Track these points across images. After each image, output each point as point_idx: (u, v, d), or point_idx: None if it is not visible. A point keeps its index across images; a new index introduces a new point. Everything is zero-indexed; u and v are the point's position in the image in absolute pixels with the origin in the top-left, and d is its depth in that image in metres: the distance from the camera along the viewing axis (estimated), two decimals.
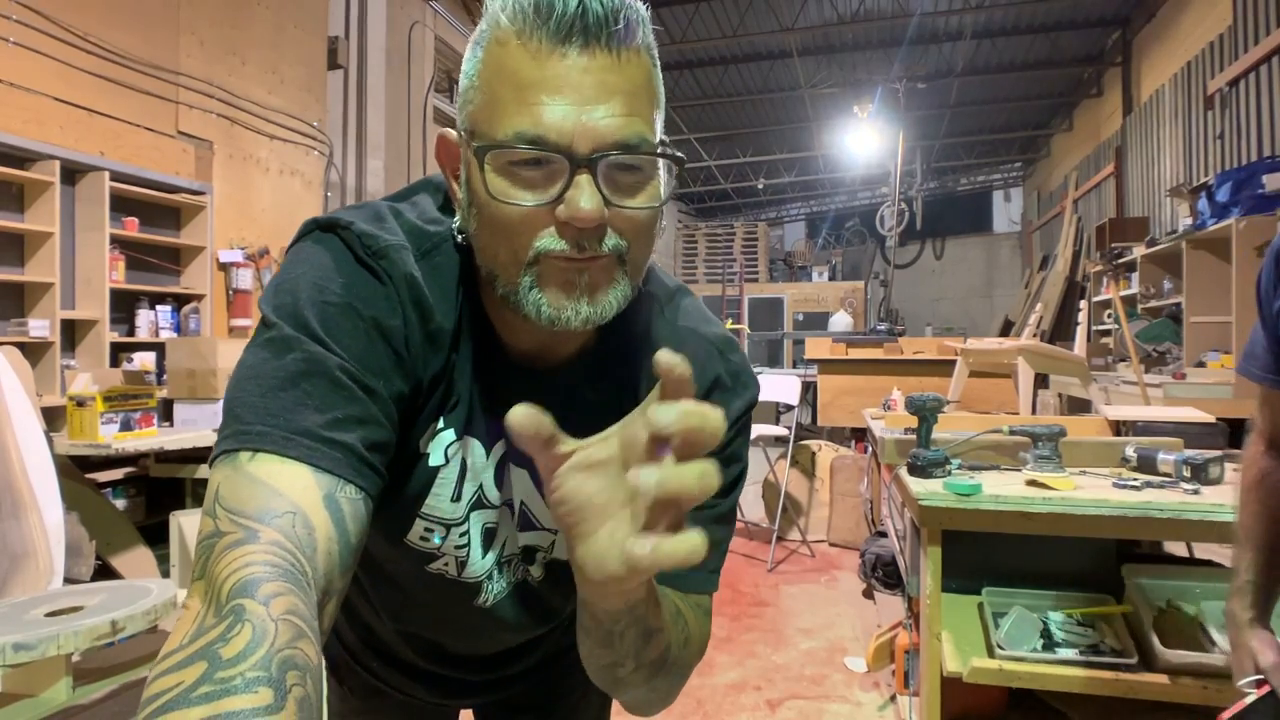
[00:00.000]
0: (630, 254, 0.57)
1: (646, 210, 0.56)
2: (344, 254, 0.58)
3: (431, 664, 0.86)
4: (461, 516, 0.67)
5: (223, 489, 0.49)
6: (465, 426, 0.64)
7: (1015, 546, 1.96)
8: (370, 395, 0.55)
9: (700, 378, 0.67)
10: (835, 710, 2.48)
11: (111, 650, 1.99)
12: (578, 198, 0.53)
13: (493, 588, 0.72)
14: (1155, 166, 7.60)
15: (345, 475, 0.51)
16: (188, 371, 3.36)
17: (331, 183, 5.98)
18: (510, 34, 0.54)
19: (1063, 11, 8.25)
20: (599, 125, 0.53)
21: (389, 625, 0.82)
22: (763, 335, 12.15)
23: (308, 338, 0.53)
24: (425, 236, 0.62)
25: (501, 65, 0.54)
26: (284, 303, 0.55)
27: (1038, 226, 12.85)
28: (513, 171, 0.54)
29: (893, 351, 5.15)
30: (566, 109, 0.52)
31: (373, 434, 0.54)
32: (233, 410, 0.52)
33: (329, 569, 0.48)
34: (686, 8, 8.17)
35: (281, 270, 0.59)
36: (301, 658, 0.42)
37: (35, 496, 2.59)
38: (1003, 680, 1.64)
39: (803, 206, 17.00)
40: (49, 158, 3.84)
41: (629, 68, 0.54)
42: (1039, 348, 3.17)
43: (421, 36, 7.02)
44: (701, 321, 0.71)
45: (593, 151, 0.53)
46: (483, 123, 0.55)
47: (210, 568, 0.45)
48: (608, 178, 0.54)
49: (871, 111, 9.54)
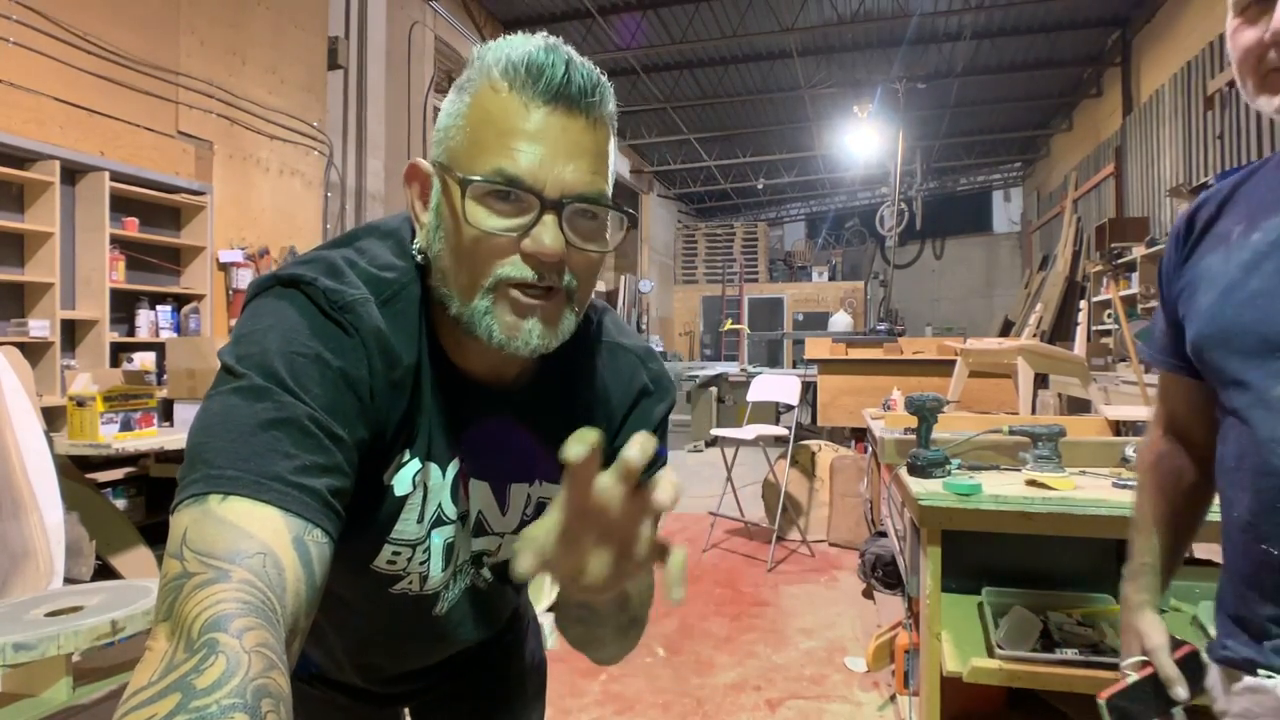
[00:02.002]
0: (578, 293, 0.65)
1: (597, 254, 0.65)
2: (308, 308, 0.61)
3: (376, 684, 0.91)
4: (424, 536, 0.71)
5: (190, 532, 0.50)
6: (427, 453, 0.69)
7: (1015, 546, 1.96)
8: (336, 444, 0.58)
9: (629, 387, 0.78)
10: (835, 710, 2.48)
11: (111, 650, 1.99)
12: (543, 234, 0.61)
13: (449, 596, 0.78)
14: (1155, 166, 7.60)
15: (313, 519, 0.54)
16: (188, 371, 3.36)
17: (331, 183, 5.98)
18: (503, 87, 0.61)
19: (1062, 11, 8.24)
20: (568, 176, 0.61)
21: (337, 654, 0.86)
22: (763, 335, 12.16)
23: (277, 387, 0.56)
24: (384, 284, 0.66)
25: (489, 112, 0.61)
26: (250, 353, 0.58)
27: (1038, 226, 12.85)
28: (488, 203, 0.61)
29: (893, 351, 5.15)
30: (543, 158, 0.60)
31: (337, 481, 0.57)
32: (201, 455, 0.53)
33: (296, 609, 0.50)
34: (686, 8, 8.16)
35: (242, 323, 0.62)
36: (275, 687, 0.43)
37: (35, 496, 2.59)
38: (1003, 680, 1.64)
39: (803, 206, 17.00)
40: (49, 158, 3.84)
41: (598, 134, 0.63)
42: (1039, 348, 3.17)
43: (421, 36, 7.02)
44: (626, 337, 0.81)
45: (561, 196, 0.61)
46: (464, 159, 0.62)
47: (178, 608, 0.46)
48: (570, 222, 0.62)
49: (871, 111, 9.53)
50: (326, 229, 5.92)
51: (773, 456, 4.66)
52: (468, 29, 7.89)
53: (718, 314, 12.66)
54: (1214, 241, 0.89)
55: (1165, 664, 0.95)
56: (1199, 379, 0.92)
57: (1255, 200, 0.86)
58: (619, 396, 0.78)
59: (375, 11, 6.31)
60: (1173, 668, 0.95)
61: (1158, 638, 0.98)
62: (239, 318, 0.64)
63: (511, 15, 8.44)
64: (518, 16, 8.45)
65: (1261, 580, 0.82)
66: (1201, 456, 1.01)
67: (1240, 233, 0.85)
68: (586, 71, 0.62)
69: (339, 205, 6.04)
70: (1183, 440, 1.04)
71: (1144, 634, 0.99)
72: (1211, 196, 0.93)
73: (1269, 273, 0.80)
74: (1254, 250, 0.82)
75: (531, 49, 0.61)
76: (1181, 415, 1.03)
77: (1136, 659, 0.99)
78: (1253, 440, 0.81)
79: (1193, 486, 1.03)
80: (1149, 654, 0.98)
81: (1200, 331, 0.87)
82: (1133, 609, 1.02)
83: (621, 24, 8.40)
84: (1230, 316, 0.83)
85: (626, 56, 8.92)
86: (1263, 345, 0.79)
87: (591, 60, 0.64)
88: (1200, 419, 0.98)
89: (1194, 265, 0.91)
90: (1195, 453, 1.03)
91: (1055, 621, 1.76)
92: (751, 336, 11.44)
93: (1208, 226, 0.91)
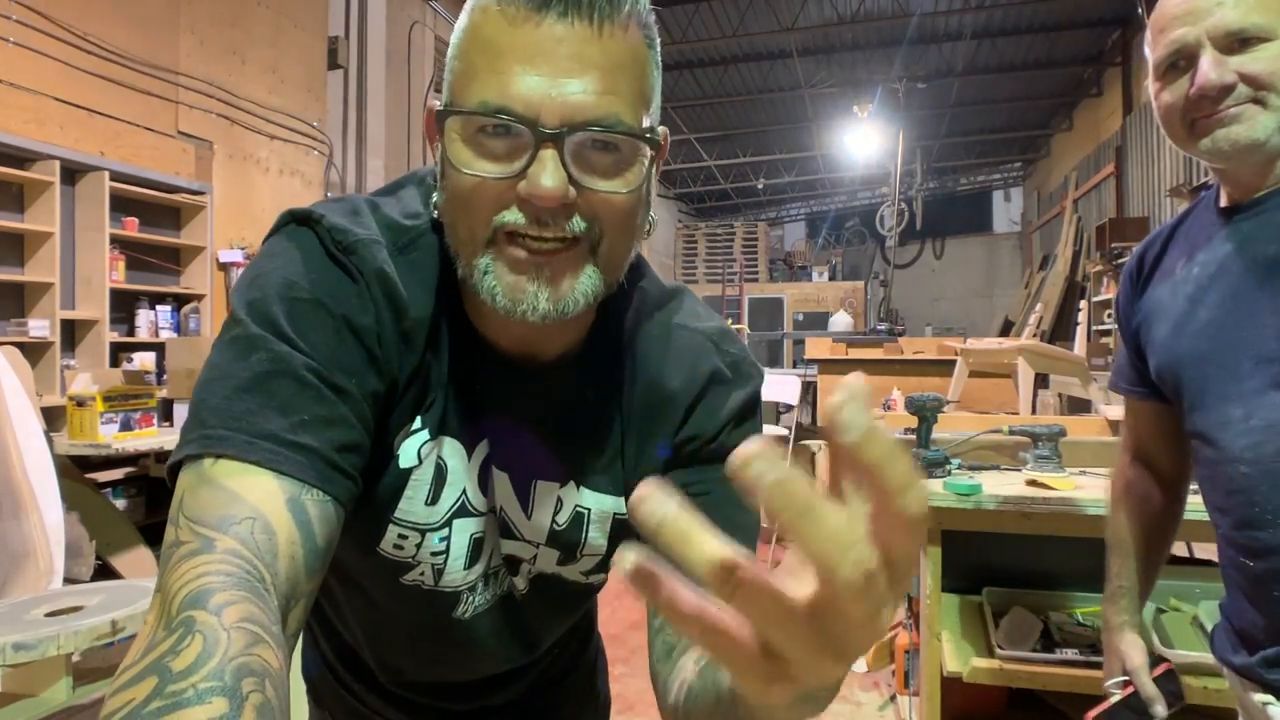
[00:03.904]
0: (604, 243, 0.54)
1: (621, 195, 0.53)
2: (315, 249, 0.56)
3: (408, 691, 0.80)
4: (439, 522, 0.63)
5: (186, 497, 0.48)
6: (440, 425, 0.61)
7: (1015, 546, 1.96)
8: (340, 395, 0.52)
9: (694, 373, 0.64)
10: (835, 710, 2.48)
11: (111, 650, 1.99)
12: (539, 173, 0.50)
13: (474, 599, 0.68)
14: (1155, 166, 7.60)
15: (309, 480, 0.49)
16: (188, 371, 3.36)
17: (331, 182, 5.97)
18: (493, 1, 0.51)
19: (1063, 11, 8.24)
20: (570, 99, 0.50)
21: (364, 647, 0.78)
22: (763, 335, 12.15)
23: (274, 336, 0.51)
24: (402, 231, 0.59)
25: (479, 32, 0.52)
26: (253, 298, 0.53)
27: (1038, 226, 12.85)
28: (478, 141, 0.52)
29: (893, 351, 5.15)
30: (537, 79, 0.50)
31: (342, 435, 0.52)
32: (198, 413, 0.51)
33: (292, 573, 0.47)
34: (686, 8, 8.16)
35: (254, 263, 0.57)
36: (258, 663, 0.40)
37: (35, 496, 2.59)
38: (1003, 680, 1.64)
39: (803, 206, 17.00)
40: (49, 158, 3.84)
41: (611, 42, 0.51)
42: (1039, 348, 3.17)
43: (421, 36, 7.02)
44: (693, 318, 0.68)
45: (561, 125, 0.50)
46: (458, 91, 0.53)
47: (164, 580, 0.44)
48: (578, 156, 0.51)
49: (871, 111, 9.54)
50: None
51: None
52: None
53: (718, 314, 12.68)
54: (1161, 276, 0.98)
55: (1145, 684, 1.04)
56: (1166, 402, 0.99)
57: (1191, 237, 0.95)
58: (683, 384, 0.64)
59: (375, 11, 6.32)
60: (1152, 687, 1.03)
61: (1138, 658, 1.06)
62: (256, 254, 0.59)
63: None
64: None
65: (1246, 591, 0.88)
66: (1168, 480, 1.10)
67: (1181, 266, 0.94)
68: None
69: None
70: (1149, 466, 1.12)
71: (1125, 654, 1.07)
72: (1157, 236, 1.02)
73: (1212, 304, 0.88)
74: (1195, 283, 0.91)
75: None
76: (1148, 441, 1.10)
77: (1119, 679, 1.07)
78: (1218, 460, 0.88)
79: (1161, 510, 1.11)
80: (1130, 674, 1.06)
81: (1161, 361, 0.95)
82: (1114, 630, 1.10)
83: None
84: (1187, 347, 0.91)
85: None
86: (1219, 371, 0.87)
87: None
88: (1166, 444, 1.07)
89: (1147, 299, 1.00)
90: (1161, 477, 1.10)
91: (1055, 621, 1.77)
92: (751, 336, 11.43)
93: (1155, 263, 1.00)
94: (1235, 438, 0.85)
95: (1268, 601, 0.85)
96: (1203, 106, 0.84)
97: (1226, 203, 0.92)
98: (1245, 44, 0.82)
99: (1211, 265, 0.90)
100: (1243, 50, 0.82)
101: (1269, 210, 0.86)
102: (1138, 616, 1.10)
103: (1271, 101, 0.82)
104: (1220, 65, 0.82)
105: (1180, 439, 0.97)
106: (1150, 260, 1.01)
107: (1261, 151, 0.83)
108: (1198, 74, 0.83)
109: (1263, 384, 0.83)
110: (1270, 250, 0.84)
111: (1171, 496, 1.11)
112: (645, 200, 0.56)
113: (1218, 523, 0.92)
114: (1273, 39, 0.82)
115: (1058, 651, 1.65)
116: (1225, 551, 0.91)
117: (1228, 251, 0.88)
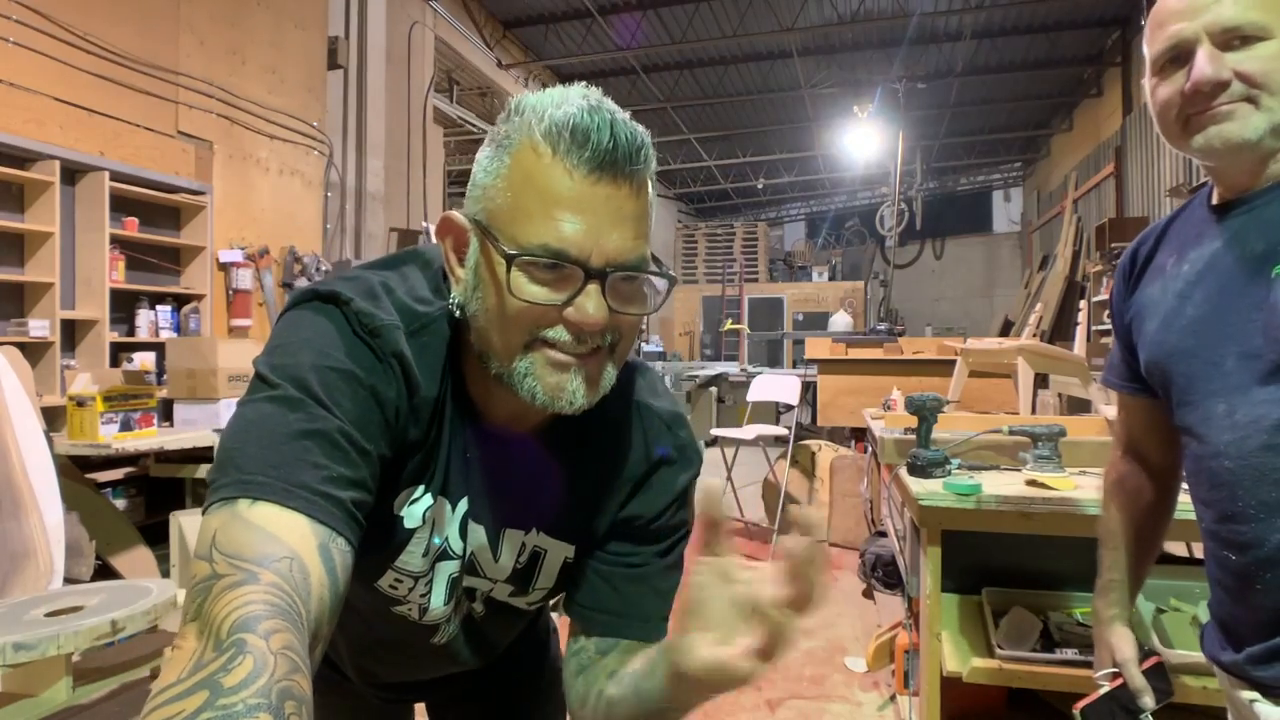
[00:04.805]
0: (619, 347, 0.66)
1: (639, 316, 0.66)
2: (344, 327, 0.63)
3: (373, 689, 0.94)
4: (427, 569, 0.73)
5: (219, 535, 0.51)
6: (442, 489, 0.70)
7: (1015, 546, 1.96)
8: (364, 458, 0.59)
9: (647, 453, 0.76)
10: (835, 710, 2.48)
11: (111, 650, 1.99)
12: (587, 304, 0.61)
13: (449, 629, 0.81)
14: (1155, 166, 7.60)
15: (337, 528, 0.55)
16: (188, 371, 3.35)
17: (331, 182, 5.98)
18: (545, 151, 0.60)
19: (1063, 11, 8.24)
20: (612, 245, 0.61)
21: (346, 661, 0.90)
22: (762, 335, 12.15)
23: (310, 399, 0.58)
24: (415, 316, 0.67)
25: (532, 177, 0.60)
26: (285, 364, 0.59)
27: (1038, 226, 12.85)
28: (531, 272, 0.61)
29: (893, 351, 5.15)
30: (587, 229, 0.60)
31: (360, 495, 0.59)
32: (233, 460, 0.55)
33: (320, 614, 0.52)
34: (686, 8, 8.16)
35: (278, 334, 0.64)
36: (298, 690, 0.44)
37: (35, 496, 2.59)
38: (1003, 680, 1.64)
39: (803, 206, 17.00)
40: (49, 158, 3.83)
41: (641, 197, 0.63)
42: (1039, 348, 3.17)
43: (421, 36, 7.02)
44: (652, 396, 0.79)
45: (605, 266, 0.61)
46: (506, 223, 0.61)
47: (207, 609, 0.47)
48: (612, 289, 0.62)
49: (871, 111, 9.53)
50: (326, 229, 5.92)
51: (773, 456, 4.66)
52: (467, 29, 7.89)
53: (718, 314, 12.65)
54: (1153, 273, 0.99)
55: (1134, 675, 1.05)
56: (1157, 397, 1.00)
57: (1183, 235, 0.96)
58: (635, 460, 0.76)
59: (375, 11, 6.32)
60: (1140, 679, 1.05)
61: (1127, 650, 1.07)
62: (275, 327, 0.65)
63: (511, 15, 8.45)
64: (518, 16, 8.45)
65: (1230, 587, 0.89)
66: (1159, 475, 1.11)
67: (1173, 264, 0.95)
68: (630, 133, 0.61)
69: (339, 205, 6.04)
70: (1141, 461, 1.12)
71: (1115, 647, 1.08)
72: (1150, 233, 1.03)
73: (1200, 301, 0.89)
74: (1185, 280, 0.92)
75: (574, 110, 0.60)
76: (1139, 436, 1.11)
77: (1108, 670, 1.08)
78: (1203, 455, 0.89)
79: (1152, 504, 1.11)
80: (1119, 666, 1.07)
81: (1150, 356, 0.96)
82: (1104, 623, 1.11)
83: (621, 24, 8.39)
84: (1174, 343, 0.92)
85: (626, 56, 8.91)
86: (1205, 367, 0.88)
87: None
88: (1157, 439, 1.07)
89: (1139, 296, 1.00)
90: (1153, 472, 1.11)
91: (1055, 621, 1.77)
92: (751, 336, 11.44)
93: (1148, 260, 1.01)
94: (1219, 433, 0.86)
95: (1251, 596, 0.85)
96: (1197, 102, 0.84)
97: (1218, 200, 0.92)
98: (1243, 41, 0.83)
99: (1201, 262, 0.90)
100: (1240, 48, 0.83)
101: (1259, 207, 0.86)
102: (1128, 609, 1.11)
103: (1264, 102, 0.82)
104: (1216, 60, 0.83)
105: (1172, 434, 0.98)
106: (1143, 257, 1.02)
107: (1253, 151, 0.84)
108: (1193, 68, 0.83)
109: (1247, 379, 0.83)
110: (1258, 247, 0.85)
111: (1163, 491, 1.11)
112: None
113: (1202, 517, 0.92)
114: (1270, 38, 0.82)
115: (1057, 651, 1.65)
116: (1209, 546, 0.92)
117: (1217, 249, 0.89)
